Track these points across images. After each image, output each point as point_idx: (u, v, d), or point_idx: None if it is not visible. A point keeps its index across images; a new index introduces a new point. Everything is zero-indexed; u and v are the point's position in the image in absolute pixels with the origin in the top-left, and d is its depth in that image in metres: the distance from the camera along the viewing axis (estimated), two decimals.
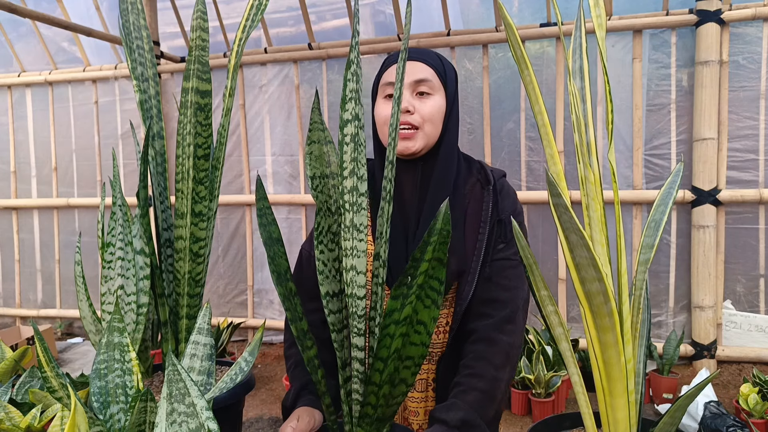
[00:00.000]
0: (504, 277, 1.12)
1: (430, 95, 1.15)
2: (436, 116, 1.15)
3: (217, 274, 4.12)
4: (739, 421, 2.40)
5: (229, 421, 1.16)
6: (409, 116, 1.12)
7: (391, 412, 0.96)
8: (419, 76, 1.14)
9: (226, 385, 0.89)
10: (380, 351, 0.89)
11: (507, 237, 1.14)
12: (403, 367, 0.91)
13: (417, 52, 1.17)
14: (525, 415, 2.95)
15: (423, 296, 0.88)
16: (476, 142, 3.57)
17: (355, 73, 0.90)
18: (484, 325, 1.10)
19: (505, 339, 1.08)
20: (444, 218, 0.85)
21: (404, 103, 1.11)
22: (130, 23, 1.23)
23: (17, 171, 4.58)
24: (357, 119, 0.90)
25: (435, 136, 1.15)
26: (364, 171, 0.91)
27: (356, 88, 0.90)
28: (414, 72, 1.14)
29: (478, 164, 1.23)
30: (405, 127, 1.12)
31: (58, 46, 4.44)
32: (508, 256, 1.14)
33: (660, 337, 3.33)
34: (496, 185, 1.17)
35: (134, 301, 1.17)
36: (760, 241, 3.19)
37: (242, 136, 3.99)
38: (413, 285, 0.87)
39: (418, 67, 1.15)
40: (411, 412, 1.19)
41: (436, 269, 0.87)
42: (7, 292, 4.69)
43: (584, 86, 0.76)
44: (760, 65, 3.12)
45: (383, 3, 3.95)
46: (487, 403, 1.04)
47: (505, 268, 1.13)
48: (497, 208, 1.15)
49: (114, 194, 1.21)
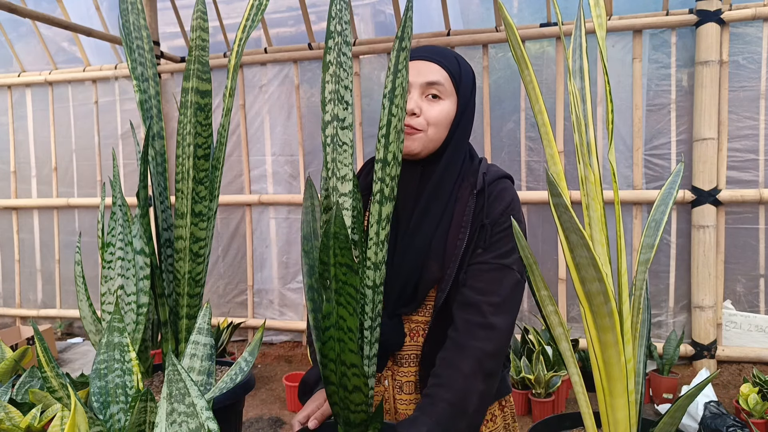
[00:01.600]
0: (479, 280, 1.07)
1: (441, 99, 1.10)
2: (443, 122, 1.11)
3: (217, 274, 4.12)
4: (739, 421, 2.40)
5: (229, 421, 1.16)
6: (414, 119, 1.08)
7: (360, 419, 0.95)
8: (431, 78, 1.09)
9: (226, 385, 0.89)
10: (328, 353, 0.90)
11: (486, 242, 1.08)
12: (351, 374, 0.89)
13: (433, 52, 1.12)
14: (525, 415, 2.95)
15: (344, 303, 0.85)
16: (476, 142, 3.57)
17: (334, 74, 0.90)
18: (456, 331, 1.05)
19: (478, 345, 1.01)
20: (338, 221, 0.81)
21: (411, 104, 1.07)
22: (130, 23, 1.23)
23: (17, 171, 4.58)
24: (337, 119, 0.91)
25: (438, 140, 1.12)
26: (346, 171, 0.91)
27: (335, 89, 0.90)
28: (427, 73, 1.09)
29: (482, 166, 1.17)
30: (407, 128, 1.08)
31: (58, 46, 4.44)
32: (485, 260, 1.08)
33: (660, 337, 3.33)
34: (486, 190, 1.11)
35: (134, 301, 1.17)
36: (760, 241, 3.19)
37: (242, 136, 3.99)
38: (331, 290, 0.85)
39: (432, 69, 1.10)
40: (401, 414, 1.19)
41: (347, 276, 0.84)
42: (7, 292, 4.69)
43: (584, 86, 0.76)
44: (760, 65, 3.12)
45: (383, 3, 3.95)
46: (458, 416, 0.98)
47: (481, 272, 1.07)
48: (483, 213, 1.10)
49: (114, 194, 1.21)
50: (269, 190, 3.99)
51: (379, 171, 0.92)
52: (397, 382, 1.18)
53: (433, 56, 1.11)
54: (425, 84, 1.09)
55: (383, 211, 0.93)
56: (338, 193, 0.92)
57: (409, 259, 1.10)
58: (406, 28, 0.89)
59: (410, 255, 1.10)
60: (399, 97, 0.91)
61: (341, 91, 0.91)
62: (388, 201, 0.93)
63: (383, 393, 1.20)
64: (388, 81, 0.91)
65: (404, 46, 0.90)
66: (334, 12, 0.90)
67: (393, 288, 1.10)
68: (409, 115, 1.08)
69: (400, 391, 1.18)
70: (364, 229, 0.99)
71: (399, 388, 1.18)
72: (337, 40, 0.90)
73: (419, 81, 1.09)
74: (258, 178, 4.02)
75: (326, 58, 0.90)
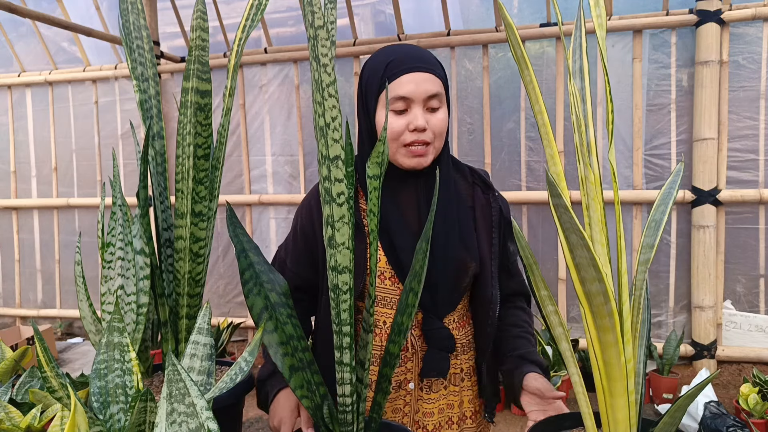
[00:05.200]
0: (519, 273, 1.28)
1: (439, 108, 1.11)
2: (444, 129, 1.13)
3: (217, 274, 4.12)
4: (739, 421, 2.40)
5: (229, 421, 1.16)
6: (423, 134, 1.09)
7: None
8: (432, 91, 1.09)
9: (226, 385, 0.88)
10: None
11: (512, 236, 1.23)
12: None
13: (424, 61, 1.11)
14: (525, 415, 2.95)
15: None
16: (476, 142, 3.57)
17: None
18: (524, 311, 1.27)
19: (528, 313, 1.28)
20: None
21: (420, 120, 1.07)
22: (130, 23, 1.23)
23: (17, 171, 4.58)
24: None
25: (441, 148, 1.15)
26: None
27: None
28: (427, 87, 1.08)
29: (467, 168, 1.25)
30: (419, 145, 1.09)
31: (58, 46, 4.44)
32: (516, 252, 1.24)
33: (660, 337, 3.33)
34: (492, 188, 1.23)
35: (134, 301, 1.17)
36: (760, 241, 3.19)
37: (242, 136, 3.99)
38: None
39: (429, 80, 1.09)
40: (426, 413, 1.19)
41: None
42: (7, 292, 4.69)
43: (584, 86, 0.76)
44: (760, 65, 3.12)
45: (383, 3, 3.95)
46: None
47: (518, 264, 1.25)
48: (502, 212, 1.21)
49: (114, 194, 1.21)
50: (269, 190, 3.99)
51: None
52: (425, 383, 1.19)
53: (427, 66, 1.10)
54: (427, 97, 1.09)
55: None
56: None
57: (449, 255, 1.14)
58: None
59: (449, 251, 1.14)
60: None
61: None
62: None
63: (404, 396, 1.19)
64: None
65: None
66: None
67: (433, 292, 1.15)
68: (420, 131, 1.08)
69: (429, 390, 1.19)
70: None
71: (428, 387, 1.19)
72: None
73: (421, 95, 1.08)
74: (258, 178, 4.02)
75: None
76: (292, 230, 1.27)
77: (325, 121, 0.84)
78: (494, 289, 1.17)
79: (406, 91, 1.07)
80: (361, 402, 0.97)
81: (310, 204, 1.22)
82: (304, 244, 1.21)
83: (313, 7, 0.81)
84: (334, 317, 0.90)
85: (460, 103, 3.58)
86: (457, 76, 3.57)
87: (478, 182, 1.22)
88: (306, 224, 1.21)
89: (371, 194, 0.93)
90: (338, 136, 0.85)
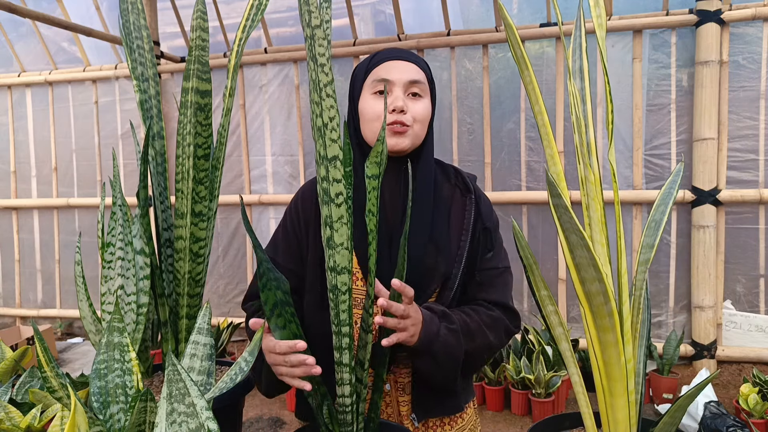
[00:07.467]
0: (492, 285, 1.17)
1: (422, 97, 1.15)
2: (426, 119, 1.15)
3: (217, 274, 4.12)
4: (739, 421, 2.40)
5: (229, 421, 1.16)
6: (402, 115, 1.11)
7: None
8: (414, 77, 1.13)
9: (225, 385, 0.88)
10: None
11: (493, 245, 1.18)
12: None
13: (409, 54, 1.17)
14: (525, 415, 2.95)
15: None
16: (476, 142, 3.57)
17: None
18: (487, 306, 1.16)
19: (498, 316, 1.14)
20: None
21: (399, 101, 1.10)
22: (130, 23, 1.23)
23: (17, 171, 4.58)
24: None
25: (421, 137, 1.16)
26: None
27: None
28: (409, 72, 1.13)
29: (452, 169, 1.25)
30: (397, 124, 1.11)
31: (58, 46, 4.44)
32: (495, 265, 1.18)
33: (660, 337, 3.33)
34: (475, 192, 1.20)
35: (134, 301, 1.17)
36: (760, 241, 3.19)
37: (242, 136, 3.99)
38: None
39: (412, 68, 1.14)
40: (404, 416, 1.19)
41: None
42: (7, 292, 4.69)
43: (584, 86, 0.76)
44: (760, 65, 3.12)
45: (383, 3, 3.95)
46: (466, 336, 1.07)
47: (495, 276, 1.17)
48: (481, 217, 1.18)
49: (114, 194, 1.21)
50: (269, 190, 3.99)
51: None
52: (399, 384, 1.18)
53: (410, 57, 1.16)
54: (408, 82, 1.13)
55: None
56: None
57: (417, 255, 1.11)
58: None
59: (417, 251, 1.11)
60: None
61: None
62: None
63: (385, 397, 1.19)
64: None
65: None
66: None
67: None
68: (398, 112, 1.10)
69: (402, 392, 1.17)
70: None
71: (402, 389, 1.17)
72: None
73: (403, 79, 1.13)
74: (258, 178, 4.02)
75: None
76: (281, 228, 1.25)
77: (323, 121, 0.84)
78: (450, 291, 1.13)
79: (389, 74, 1.12)
80: (361, 402, 0.97)
81: (297, 202, 1.23)
82: (296, 241, 1.21)
83: (310, 7, 0.81)
84: (333, 318, 0.90)
85: (460, 103, 3.58)
86: (457, 76, 3.57)
87: (459, 184, 1.22)
88: (294, 220, 1.21)
89: (370, 194, 0.93)
90: (336, 137, 0.85)
